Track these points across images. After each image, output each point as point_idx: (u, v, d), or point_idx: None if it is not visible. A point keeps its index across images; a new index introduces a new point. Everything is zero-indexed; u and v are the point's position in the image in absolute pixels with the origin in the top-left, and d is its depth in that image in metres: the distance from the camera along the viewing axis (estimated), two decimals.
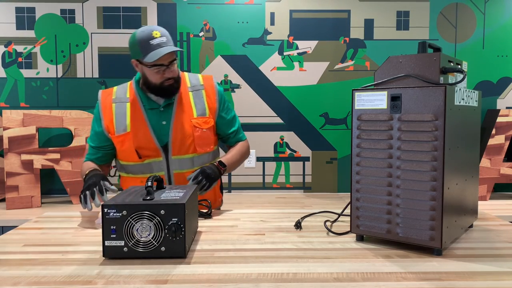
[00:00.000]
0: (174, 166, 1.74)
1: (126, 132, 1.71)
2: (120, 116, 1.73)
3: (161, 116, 1.73)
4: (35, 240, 1.33)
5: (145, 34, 1.63)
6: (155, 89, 1.71)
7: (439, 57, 1.17)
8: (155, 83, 1.69)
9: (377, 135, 1.22)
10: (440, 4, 3.01)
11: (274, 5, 2.99)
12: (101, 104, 1.77)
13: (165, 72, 1.66)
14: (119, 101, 1.76)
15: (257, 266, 1.09)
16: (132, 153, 1.72)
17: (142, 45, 1.62)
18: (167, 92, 1.71)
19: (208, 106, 1.78)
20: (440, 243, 1.13)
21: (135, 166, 1.76)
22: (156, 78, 1.67)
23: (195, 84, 1.80)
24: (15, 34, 2.93)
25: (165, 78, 1.67)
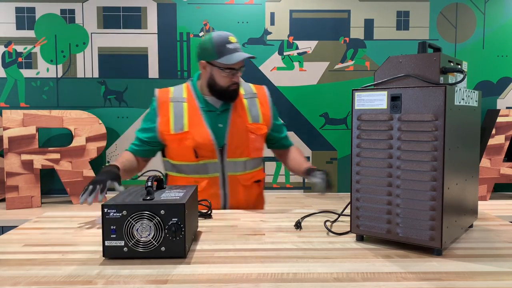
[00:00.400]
0: (229, 168, 1.77)
1: (184, 131, 1.74)
2: (178, 115, 1.76)
3: (218, 119, 1.76)
4: (35, 240, 1.33)
5: (222, 37, 1.70)
6: (220, 92, 1.74)
7: (439, 57, 1.17)
8: (222, 86, 1.73)
9: (377, 135, 1.22)
10: (440, 4, 3.02)
11: (274, 5, 2.99)
12: (158, 100, 1.79)
13: (233, 77, 1.72)
14: (176, 101, 1.79)
15: (257, 266, 1.09)
16: (189, 152, 1.74)
17: (218, 47, 1.69)
18: (230, 96, 1.75)
19: (262, 114, 1.84)
20: (440, 243, 1.13)
21: (190, 166, 1.77)
22: (224, 81, 1.72)
23: (249, 92, 1.86)
24: (15, 34, 2.94)
25: (233, 82, 1.73)
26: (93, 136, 2.80)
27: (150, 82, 3.00)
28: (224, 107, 1.78)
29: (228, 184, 1.77)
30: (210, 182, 1.75)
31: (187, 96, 1.80)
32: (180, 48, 2.99)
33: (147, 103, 3.00)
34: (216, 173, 1.76)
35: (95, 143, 2.81)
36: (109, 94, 2.99)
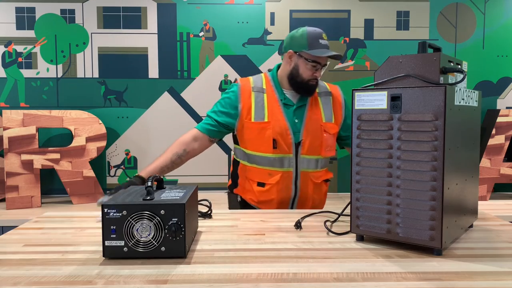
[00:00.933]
0: (302, 164, 1.79)
1: (265, 121, 1.77)
2: (259, 105, 1.80)
3: (295, 114, 1.80)
4: (35, 240, 1.33)
5: (316, 32, 1.77)
6: (300, 84, 1.79)
7: (439, 57, 1.17)
8: (304, 78, 1.78)
9: (377, 135, 1.22)
10: (440, 4, 3.02)
11: (274, 5, 2.99)
12: (240, 88, 1.83)
13: (317, 71, 1.77)
14: (257, 91, 1.83)
15: (257, 266, 1.09)
16: (268, 142, 1.76)
17: (312, 39, 1.75)
18: (308, 90, 1.80)
19: (335, 114, 1.87)
20: (440, 243, 1.13)
21: (266, 158, 1.79)
22: (307, 74, 1.77)
23: (324, 90, 1.90)
24: (15, 34, 2.94)
25: (314, 77, 1.78)
26: (93, 136, 2.80)
27: (150, 82, 3.00)
28: (301, 103, 1.82)
29: (300, 180, 1.80)
30: (284, 175, 1.78)
31: (266, 87, 1.84)
32: (180, 48, 2.99)
33: (147, 103, 3.01)
34: (290, 168, 1.78)
35: (95, 143, 2.81)
36: (109, 94, 2.99)
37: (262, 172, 1.80)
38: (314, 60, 1.76)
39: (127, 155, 3.02)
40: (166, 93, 3.01)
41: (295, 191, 1.81)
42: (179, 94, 3.01)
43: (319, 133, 1.80)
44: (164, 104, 3.01)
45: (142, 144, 3.03)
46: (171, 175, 3.04)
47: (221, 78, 3.01)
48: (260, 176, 1.81)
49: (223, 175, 3.07)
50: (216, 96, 3.01)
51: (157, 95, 3.01)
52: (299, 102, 1.82)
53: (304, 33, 1.77)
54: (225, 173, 3.06)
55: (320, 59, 1.76)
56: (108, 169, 3.03)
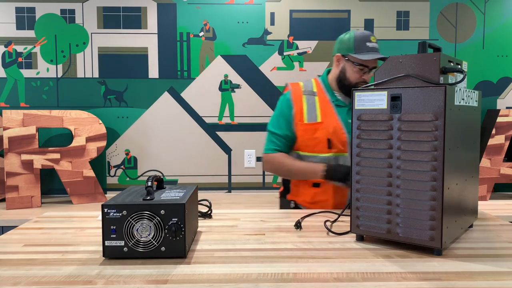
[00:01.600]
0: None
1: (317, 122, 1.79)
2: (311, 106, 1.82)
3: (348, 115, 1.82)
4: (35, 240, 1.33)
5: (364, 35, 1.78)
6: (348, 87, 1.80)
7: (439, 57, 1.17)
8: (351, 81, 1.80)
9: (377, 135, 1.22)
10: (440, 4, 3.01)
11: (274, 5, 2.99)
12: (292, 93, 1.86)
13: (364, 74, 1.79)
14: (308, 94, 1.85)
15: (257, 266, 1.09)
16: (322, 143, 1.77)
17: (358, 42, 1.77)
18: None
19: None
20: (440, 243, 1.13)
21: (321, 158, 1.79)
22: (355, 77, 1.79)
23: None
24: (15, 34, 2.93)
25: (362, 80, 1.79)
26: (93, 136, 2.80)
27: (150, 82, 3.00)
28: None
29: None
30: None
31: (317, 90, 1.86)
32: (180, 48, 2.99)
33: (147, 103, 3.01)
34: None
35: (95, 143, 2.81)
36: (109, 94, 2.99)
37: None
38: (360, 63, 1.77)
39: (127, 155, 3.02)
40: (166, 93, 3.01)
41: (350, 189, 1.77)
42: (179, 94, 3.01)
43: None
44: (164, 104, 3.01)
45: (142, 144, 3.03)
46: (171, 175, 3.04)
47: (221, 78, 3.01)
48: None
49: (223, 175, 3.07)
50: (216, 96, 3.02)
51: (157, 95, 3.01)
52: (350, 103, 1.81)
53: (352, 37, 1.79)
54: (225, 173, 3.06)
55: (367, 62, 1.77)
56: (108, 169, 3.03)
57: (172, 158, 3.03)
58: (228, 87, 3.02)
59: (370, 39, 1.78)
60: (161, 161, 3.03)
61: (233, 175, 3.07)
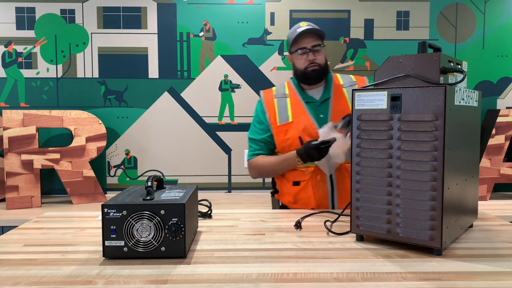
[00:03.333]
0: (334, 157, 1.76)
1: (289, 122, 1.82)
2: (282, 108, 1.85)
3: (318, 110, 1.83)
4: (35, 240, 1.33)
5: (293, 27, 1.86)
6: (302, 76, 1.84)
7: (439, 57, 1.17)
8: (301, 68, 1.83)
9: (377, 135, 1.22)
10: (440, 4, 3.01)
11: (274, 5, 2.99)
12: (264, 100, 1.92)
13: (308, 56, 1.80)
14: (280, 97, 1.90)
15: (257, 266, 1.09)
16: (295, 140, 1.79)
17: (290, 34, 1.84)
18: (311, 77, 1.83)
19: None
20: (440, 243, 1.13)
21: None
22: (300, 63, 1.82)
23: (348, 81, 1.92)
24: (15, 34, 2.93)
25: (309, 62, 1.80)
26: (93, 136, 2.80)
27: (150, 82, 3.00)
28: (324, 97, 1.84)
29: (334, 173, 1.79)
30: (317, 169, 1.78)
31: (289, 92, 1.89)
32: (180, 48, 2.99)
33: (147, 103, 3.01)
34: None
35: (95, 143, 2.81)
36: (109, 94, 2.99)
37: (296, 170, 1.81)
38: (298, 48, 1.80)
39: (127, 155, 3.02)
40: (166, 93, 3.01)
41: (331, 186, 1.80)
42: (179, 94, 3.01)
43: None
44: (164, 104, 3.01)
45: (142, 144, 3.03)
46: (171, 175, 3.04)
47: (221, 78, 3.01)
48: (295, 175, 1.82)
49: (223, 175, 3.07)
50: (216, 96, 3.02)
51: (157, 95, 3.01)
52: (322, 97, 1.85)
53: (288, 34, 1.87)
54: (225, 173, 3.06)
55: (301, 42, 1.80)
56: (108, 169, 3.03)
57: (172, 158, 3.03)
58: (228, 87, 3.02)
59: (300, 25, 1.82)
60: (161, 161, 3.03)
61: (233, 175, 3.07)
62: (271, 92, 1.94)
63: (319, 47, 1.82)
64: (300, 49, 1.80)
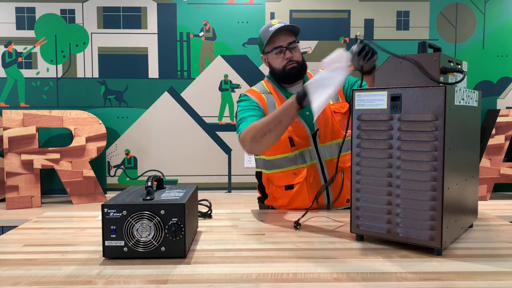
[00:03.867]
0: (325, 153, 1.75)
1: None
2: (271, 105, 1.77)
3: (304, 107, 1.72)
4: (35, 240, 1.33)
5: (265, 26, 1.78)
6: (280, 76, 1.77)
7: (439, 57, 1.17)
8: (278, 68, 1.76)
9: (377, 135, 1.22)
10: (440, 4, 3.02)
11: (274, 5, 2.99)
12: (252, 95, 1.79)
13: (285, 54, 1.73)
14: (266, 93, 1.80)
15: (257, 266, 1.09)
16: (285, 141, 1.72)
17: (263, 33, 1.77)
18: (291, 75, 1.76)
19: (338, 92, 1.81)
20: (440, 243, 1.13)
21: (287, 158, 1.74)
22: (278, 63, 1.75)
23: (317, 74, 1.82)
24: (15, 34, 2.94)
25: (287, 61, 1.73)
26: (93, 136, 2.80)
27: (150, 82, 3.00)
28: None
29: (327, 170, 1.75)
30: (309, 170, 1.73)
31: (271, 90, 1.81)
32: (180, 48, 2.99)
33: (147, 103, 3.01)
34: (314, 160, 1.74)
35: (95, 143, 2.81)
36: (109, 94, 2.99)
37: (286, 174, 1.75)
38: (273, 47, 1.74)
39: (127, 155, 3.02)
40: (166, 93, 3.01)
41: (325, 182, 1.74)
42: (179, 94, 3.01)
43: (331, 117, 1.76)
44: (164, 104, 3.01)
45: (142, 144, 3.03)
46: (171, 175, 3.04)
47: (221, 78, 3.01)
48: (286, 179, 1.76)
49: (223, 175, 3.07)
50: (216, 96, 3.02)
51: (157, 95, 3.01)
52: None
53: (259, 34, 1.80)
54: (225, 173, 3.06)
55: (276, 41, 1.73)
56: (108, 169, 3.03)
57: (172, 158, 3.03)
58: (228, 87, 3.02)
59: (272, 24, 1.75)
60: (161, 161, 3.03)
61: (233, 175, 3.07)
62: (255, 91, 1.82)
63: (294, 44, 1.75)
64: (276, 48, 1.74)
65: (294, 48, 1.76)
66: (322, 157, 1.74)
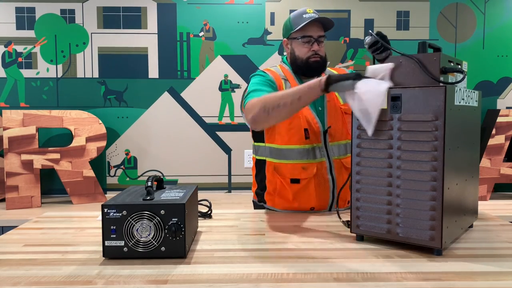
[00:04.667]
0: (333, 152, 1.71)
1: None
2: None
3: (317, 103, 1.72)
4: (35, 240, 1.33)
5: (299, 10, 1.73)
6: (302, 66, 1.72)
7: (439, 57, 1.17)
8: (302, 58, 1.71)
9: (377, 135, 1.22)
10: (440, 4, 3.01)
11: (274, 5, 2.99)
12: (271, 74, 1.72)
13: (313, 46, 1.70)
14: (284, 78, 1.74)
15: (257, 266, 1.09)
16: (300, 133, 1.67)
17: (295, 18, 1.71)
18: (313, 68, 1.71)
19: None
20: (440, 243, 1.13)
21: (298, 151, 1.68)
22: (303, 52, 1.70)
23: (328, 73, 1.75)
24: (15, 34, 2.93)
25: (312, 53, 1.70)
26: (93, 136, 2.80)
27: (150, 82, 3.00)
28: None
29: (335, 169, 1.71)
30: (318, 167, 1.69)
31: (287, 77, 1.75)
32: (180, 48, 2.99)
33: (147, 103, 3.00)
34: (323, 158, 1.69)
35: (95, 143, 2.81)
36: (109, 94, 2.99)
37: (295, 167, 1.68)
38: (303, 35, 1.69)
39: (127, 155, 3.02)
40: (166, 93, 3.01)
41: (332, 181, 1.70)
42: (179, 94, 3.01)
43: (341, 117, 1.73)
44: (164, 104, 3.01)
45: (142, 144, 3.03)
46: (171, 175, 3.04)
47: (221, 78, 3.01)
48: (294, 172, 1.68)
49: (223, 175, 3.07)
50: (216, 96, 3.02)
51: (157, 95, 3.01)
52: None
53: (289, 16, 1.75)
54: (225, 173, 3.06)
55: (308, 30, 1.68)
56: (108, 169, 3.03)
57: (172, 158, 3.03)
58: (228, 87, 3.02)
59: (306, 11, 1.71)
60: (161, 161, 3.03)
61: (233, 175, 3.07)
62: (273, 70, 1.76)
63: (323, 38, 1.73)
64: (305, 37, 1.69)
65: (322, 42, 1.73)
66: (330, 156, 1.70)
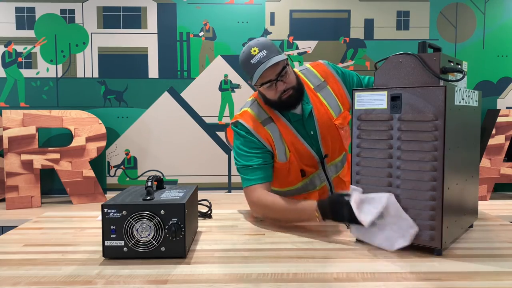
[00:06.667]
0: (332, 173, 1.69)
1: (289, 159, 1.60)
2: (278, 141, 1.59)
3: (306, 126, 1.62)
4: (35, 240, 1.33)
5: (245, 55, 1.53)
6: (277, 105, 1.59)
7: (439, 57, 1.17)
8: (274, 99, 1.57)
9: (377, 135, 1.22)
10: (440, 4, 3.01)
11: (274, 5, 2.99)
12: (253, 130, 1.58)
13: (277, 86, 1.52)
14: (267, 123, 1.60)
15: (257, 266, 1.09)
16: (296, 173, 1.63)
17: (246, 68, 1.54)
18: (289, 104, 1.58)
19: (339, 99, 1.66)
20: (440, 243, 1.13)
21: (296, 190, 1.69)
22: (271, 94, 1.56)
23: (317, 81, 1.68)
24: (15, 34, 2.93)
25: (280, 92, 1.54)
26: (93, 136, 2.80)
27: (150, 82, 3.00)
28: (308, 110, 1.61)
29: (335, 187, 1.70)
30: (320, 192, 1.68)
31: (270, 113, 1.62)
32: (180, 48, 2.99)
33: (147, 103, 3.00)
34: (323, 183, 1.68)
35: (95, 143, 2.81)
36: (109, 94, 2.99)
37: (297, 198, 1.67)
38: (262, 83, 1.52)
39: (127, 155, 3.02)
40: (166, 93, 3.01)
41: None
42: (179, 94, 3.01)
43: (336, 134, 1.64)
44: (164, 104, 3.01)
45: (142, 144, 3.03)
46: (171, 175, 3.04)
47: (221, 78, 3.01)
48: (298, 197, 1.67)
49: (223, 175, 3.07)
50: (216, 96, 3.02)
51: (157, 95, 3.01)
52: (306, 110, 1.61)
53: (240, 64, 1.57)
54: (225, 173, 3.06)
55: (265, 76, 1.50)
56: (108, 169, 3.03)
57: (172, 158, 3.03)
58: (228, 87, 3.02)
59: (252, 54, 1.50)
60: (161, 161, 3.03)
61: (233, 175, 3.06)
62: (252, 118, 1.60)
63: (284, 71, 1.51)
64: (265, 83, 1.52)
65: (285, 74, 1.53)
66: (329, 177, 1.69)
